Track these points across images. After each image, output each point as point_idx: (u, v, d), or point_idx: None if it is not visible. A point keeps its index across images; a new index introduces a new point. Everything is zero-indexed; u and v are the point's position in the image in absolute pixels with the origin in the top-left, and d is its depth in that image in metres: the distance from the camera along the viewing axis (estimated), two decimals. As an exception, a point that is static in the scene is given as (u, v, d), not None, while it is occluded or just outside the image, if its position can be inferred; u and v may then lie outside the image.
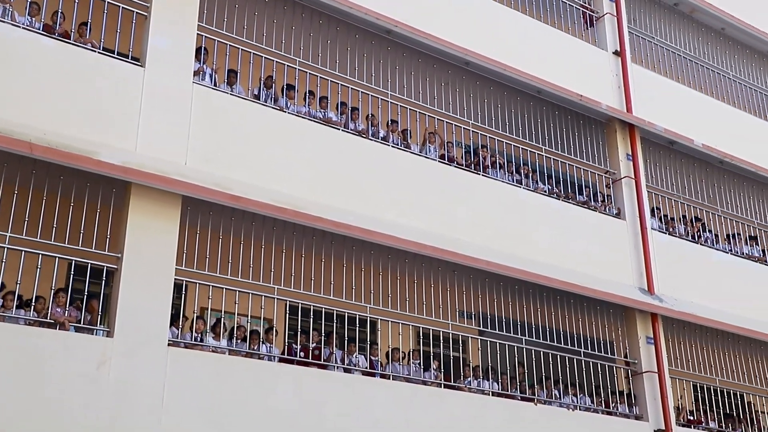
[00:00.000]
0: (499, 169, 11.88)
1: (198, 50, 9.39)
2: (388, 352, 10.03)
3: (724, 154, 14.18)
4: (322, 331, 9.50)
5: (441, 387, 10.12)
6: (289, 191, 9.41)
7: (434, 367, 10.33)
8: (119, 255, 8.18)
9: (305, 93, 10.31)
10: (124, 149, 8.42)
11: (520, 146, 12.21)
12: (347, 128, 10.41)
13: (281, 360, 9.17)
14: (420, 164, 10.86)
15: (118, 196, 8.44)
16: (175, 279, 8.42)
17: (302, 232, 9.63)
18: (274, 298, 9.23)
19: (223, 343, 8.79)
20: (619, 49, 13.65)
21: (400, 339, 10.10)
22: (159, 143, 8.67)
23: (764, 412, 13.52)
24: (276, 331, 9.30)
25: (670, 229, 13.38)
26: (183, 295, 8.65)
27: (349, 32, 10.95)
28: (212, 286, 8.82)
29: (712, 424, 12.44)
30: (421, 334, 10.73)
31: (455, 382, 10.38)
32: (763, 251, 14.60)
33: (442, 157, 11.23)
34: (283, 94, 10.07)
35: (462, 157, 11.60)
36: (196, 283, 8.76)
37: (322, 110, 10.37)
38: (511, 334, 11.03)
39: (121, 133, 8.49)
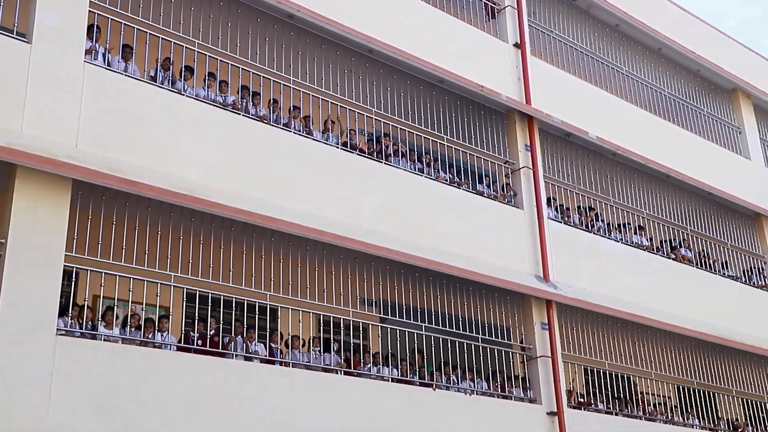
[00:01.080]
0: (402, 157, 11.95)
1: (90, 28, 9.02)
2: (288, 339, 9.96)
3: (617, 147, 14.70)
4: (221, 319, 9.34)
5: (341, 374, 10.12)
6: (186, 176, 9.19)
7: (335, 353, 10.33)
8: (2, 241, 7.79)
9: (205, 76, 10.08)
10: (8, 130, 8.01)
11: (423, 135, 12.32)
12: (248, 113, 10.24)
13: (178, 349, 8.97)
14: (322, 151, 10.80)
15: (2, 178, 8.04)
16: (65, 266, 8.10)
17: (200, 219, 9.43)
18: (170, 285, 9.01)
19: (116, 332, 8.52)
20: (519, 42, 13.93)
21: (301, 326, 10.04)
22: (47, 124, 8.29)
23: (650, 394, 14.15)
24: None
25: (565, 219, 13.79)
26: (74, 283, 8.33)
27: (251, 16, 10.76)
28: (105, 273, 8.54)
29: (600, 406, 12.92)
30: (321, 322, 10.71)
31: (355, 369, 10.40)
32: (651, 240, 15.24)
33: (344, 144, 11.20)
34: (181, 77, 9.80)
35: (365, 145, 11.60)
36: (87, 270, 8.46)
37: (222, 95, 10.16)
38: (412, 321, 11.15)
39: (5, 112, 8.08)
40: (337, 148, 11.01)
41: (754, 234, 17.37)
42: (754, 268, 17.03)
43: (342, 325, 10.50)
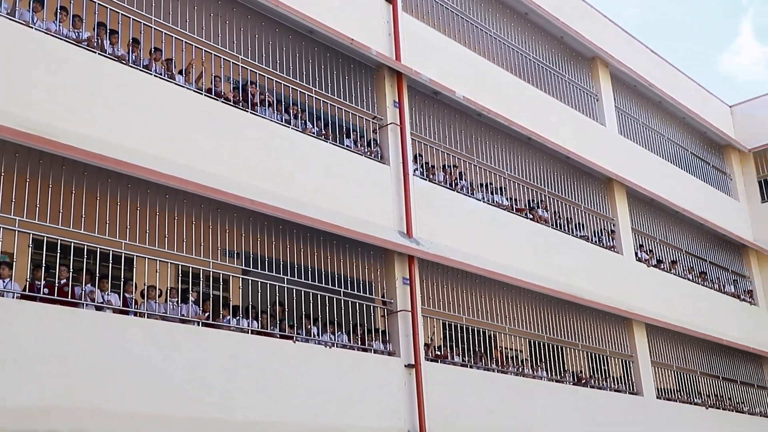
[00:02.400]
0: (268, 107, 11.71)
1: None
2: (144, 290, 9.65)
3: (482, 107, 15.01)
4: (71, 268, 8.90)
5: (199, 325, 9.92)
6: (36, 117, 8.64)
7: (193, 303, 10.11)
8: None
9: (56, 9, 9.44)
10: None
11: (291, 86, 12.11)
12: (105, 52, 9.69)
13: (22, 297, 8.49)
14: (184, 97, 10.42)
15: None
16: None
17: (50, 161, 8.91)
18: (14, 230, 8.49)
19: (-48, 279, 7.97)
20: (391, -3, 13.89)
21: (158, 276, 9.74)
22: None
23: (504, 347, 14.74)
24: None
25: (430, 176, 14.01)
26: None
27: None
28: (-60, 215, 7.94)
29: (457, 359, 13.35)
30: (180, 273, 10.44)
31: (215, 320, 10.22)
32: (511, 201, 15.76)
33: (209, 91, 10.85)
34: (29, 8, 9.13)
35: (230, 93, 11.27)
36: None
37: (76, 30, 9.56)
38: (274, 274, 11.05)
39: None
40: (201, 94, 10.64)
41: (605, 198, 18.29)
42: (604, 230, 17.96)
43: (202, 276, 10.27)
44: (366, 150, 12.97)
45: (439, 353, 13.19)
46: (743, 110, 24.13)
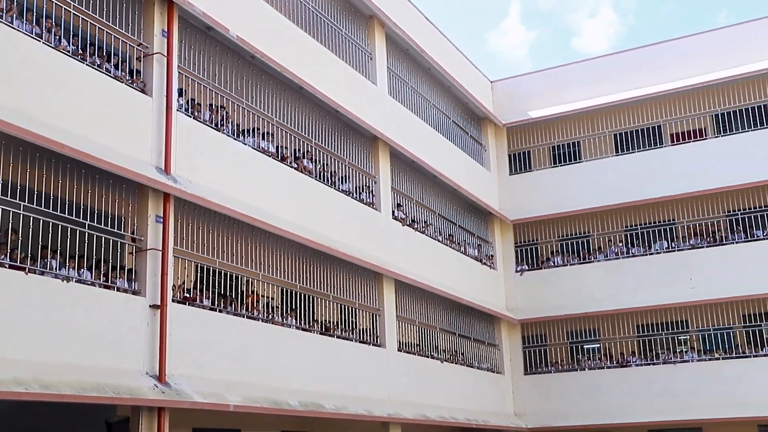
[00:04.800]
0: (17, 18, 10.57)
1: None
2: None
3: (256, 50, 14.66)
4: None
5: None
6: None
7: None
8: None
9: None
10: None
11: (46, -3, 11.03)
12: None
13: None
14: None
15: None
16: None
17: None
18: None
19: None
20: None
21: None
22: None
23: (258, 294, 14.71)
24: None
25: (196, 113, 13.49)
26: None
27: None
28: None
29: (206, 302, 13.10)
30: None
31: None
32: (278, 148, 15.63)
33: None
34: None
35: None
36: None
37: None
38: (9, 199, 10.09)
39: None
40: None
41: (369, 155, 18.75)
42: (366, 186, 18.42)
43: None
44: (129, 79, 12.17)
45: (188, 295, 12.85)
46: (503, 87, 25.78)
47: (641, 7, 52.65)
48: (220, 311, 13.32)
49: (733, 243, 21.88)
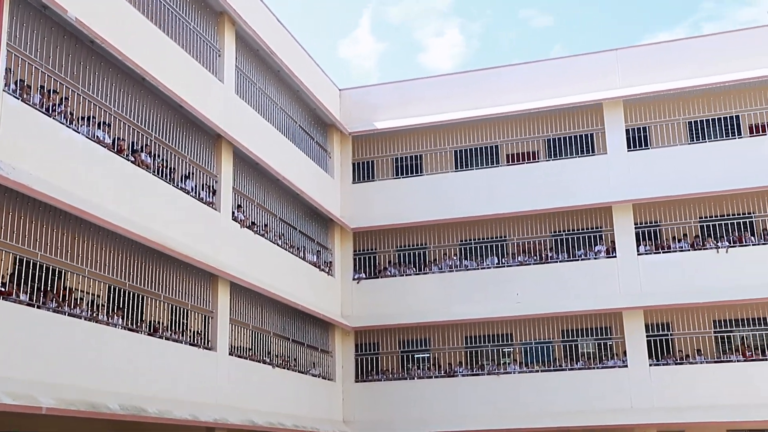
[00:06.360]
0: None
1: None
2: None
3: (97, 35, 13.97)
4: None
5: None
6: None
7: None
8: None
9: None
10: None
11: None
12: None
13: None
14: None
15: None
16: None
17: None
18: None
19: None
20: None
21: None
22: None
23: (81, 290, 13.96)
24: None
25: (24, 96, 12.64)
26: None
27: None
28: None
29: (24, 297, 12.28)
30: None
31: None
32: (116, 140, 14.94)
33: None
34: None
35: None
36: None
37: None
38: None
39: None
40: None
41: (212, 153, 18.33)
42: (206, 185, 17.99)
43: None
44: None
45: (3, 289, 11.99)
46: (351, 96, 26.01)
47: (485, 32, 54.97)
48: (39, 307, 12.52)
49: (556, 262, 23.15)
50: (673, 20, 51.68)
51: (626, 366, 21.84)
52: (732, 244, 21.87)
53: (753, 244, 21.74)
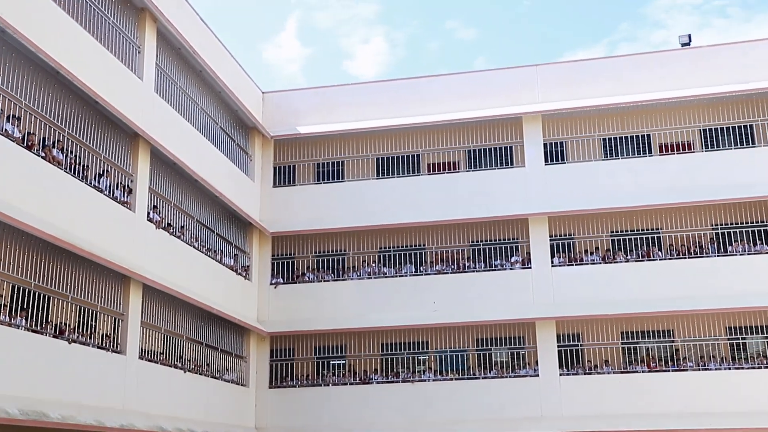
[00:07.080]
0: None
1: None
2: None
3: (7, 24, 13.47)
4: None
5: None
6: None
7: None
8: None
9: None
10: None
11: None
12: None
13: None
14: None
15: None
16: None
17: None
18: None
19: None
20: None
21: None
22: None
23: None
24: None
25: (-73, 84, 12.07)
26: None
27: None
28: None
29: None
30: None
31: None
32: (26, 135, 14.42)
33: None
34: None
35: None
36: None
37: None
38: None
39: None
40: None
41: (128, 152, 17.88)
42: (121, 184, 17.53)
43: None
44: None
45: None
46: (274, 99, 25.80)
47: (410, 41, 55.45)
48: (-64, 306, 11.96)
49: (473, 271, 23.46)
50: (592, 40, 53.33)
51: (537, 375, 22.27)
52: (640, 258, 22.61)
53: (660, 259, 22.52)
